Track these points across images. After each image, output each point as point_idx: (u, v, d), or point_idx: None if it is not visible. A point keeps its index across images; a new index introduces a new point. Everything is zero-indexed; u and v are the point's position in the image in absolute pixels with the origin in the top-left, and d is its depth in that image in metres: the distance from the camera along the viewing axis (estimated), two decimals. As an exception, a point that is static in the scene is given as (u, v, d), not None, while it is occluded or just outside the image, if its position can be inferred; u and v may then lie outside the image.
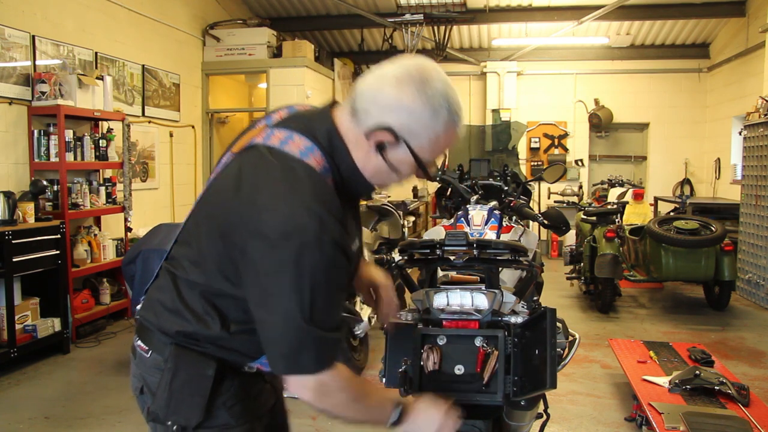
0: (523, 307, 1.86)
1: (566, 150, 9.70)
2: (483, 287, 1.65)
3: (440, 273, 1.82)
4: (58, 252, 4.37)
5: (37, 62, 4.76)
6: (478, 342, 1.54)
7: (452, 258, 1.60)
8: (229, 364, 1.27)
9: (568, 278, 6.59)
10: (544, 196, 9.42)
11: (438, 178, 3.40)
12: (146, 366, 1.32)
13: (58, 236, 4.38)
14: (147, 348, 1.32)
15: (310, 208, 1.08)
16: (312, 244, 1.06)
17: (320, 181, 1.14)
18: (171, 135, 6.80)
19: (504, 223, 2.65)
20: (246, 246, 1.12)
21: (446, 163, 3.81)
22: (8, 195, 4.09)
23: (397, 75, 1.16)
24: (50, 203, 4.63)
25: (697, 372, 3.09)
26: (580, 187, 9.07)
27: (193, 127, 7.30)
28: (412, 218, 8.27)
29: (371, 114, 1.15)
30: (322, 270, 1.09)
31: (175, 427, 1.24)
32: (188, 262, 1.26)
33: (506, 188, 3.19)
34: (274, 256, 1.08)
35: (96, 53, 5.46)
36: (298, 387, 1.17)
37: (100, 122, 5.27)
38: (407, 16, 8.05)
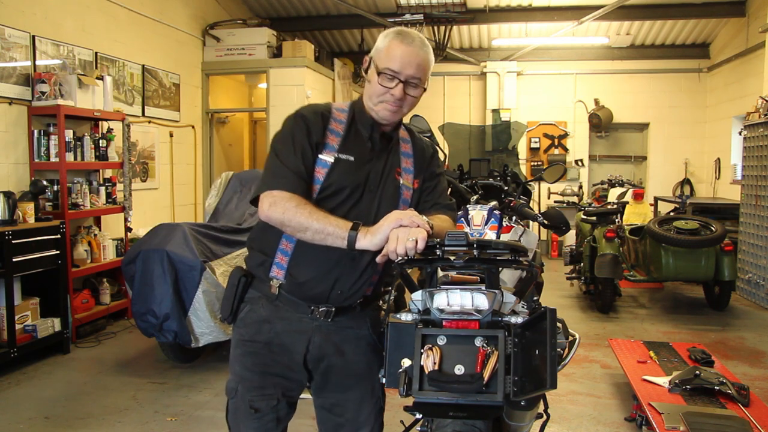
0: (523, 307, 1.86)
1: (566, 150, 9.70)
2: (483, 287, 1.65)
3: (440, 273, 1.82)
4: (58, 252, 4.37)
5: (37, 62, 4.76)
6: (478, 342, 1.54)
7: (452, 258, 1.60)
8: (254, 277, 1.72)
9: (568, 278, 6.60)
10: (544, 196, 9.42)
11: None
12: None
13: (58, 236, 4.38)
14: None
15: (305, 106, 1.75)
16: (292, 116, 1.71)
17: (325, 104, 1.76)
18: (171, 135, 6.80)
19: (504, 223, 2.65)
20: None
21: (446, 163, 3.81)
22: (8, 195, 4.09)
23: None
24: (50, 203, 4.63)
25: (697, 372, 3.09)
26: (580, 187, 9.07)
27: (193, 127, 7.30)
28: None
29: None
30: (291, 126, 1.67)
31: (219, 317, 1.86)
32: None
33: (506, 188, 3.19)
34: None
35: (96, 53, 5.46)
36: (261, 205, 1.59)
37: (100, 122, 5.27)
38: (407, 16, 8.06)
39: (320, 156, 1.64)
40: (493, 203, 2.82)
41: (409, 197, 1.74)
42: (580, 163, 9.59)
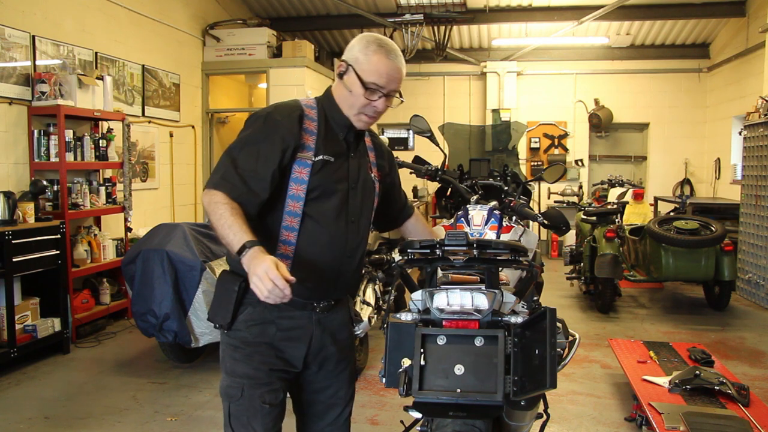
0: (523, 307, 1.86)
1: (566, 150, 9.70)
2: (483, 287, 1.65)
3: (440, 273, 1.82)
4: (58, 252, 4.37)
5: (37, 62, 4.76)
6: (478, 342, 1.54)
7: (452, 258, 1.60)
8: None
9: (568, 278, 6.59)
10: (544, 196, 9.42)
11: (438, 178, 3.40)
12: None
13: (58, 236, 4.38)
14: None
15: (273, 106, 1.74)
16: (261, 117, 1.68)
17: (293, 102, 1.75)
18: (171, 135, 6.80)
19: (504, 223, 2.65)
20: None
21: (446, 163, 3.81)
22: (8, 195, 4.09)
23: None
24: (50, 203, 4.63)
25: (697, 372, 3.09)
26: (580, 187, 9.06)
27: (193, 127, 7.30)
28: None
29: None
30: (260, 130, 1.65)
31: (216, 326, 1.71)
32: None
33: (506, 188, 3.19)
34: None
35: (96, 53, 5.46)
36: (203, 198, 1.61)
37: (100, 122, 5.27)
38: (407, 16, 8.05)
39: (299, 155, 1.65)
40: (493, 203, 2.82)
41: (378, 189, 1.87)
42: (580, 163, 9.59)
